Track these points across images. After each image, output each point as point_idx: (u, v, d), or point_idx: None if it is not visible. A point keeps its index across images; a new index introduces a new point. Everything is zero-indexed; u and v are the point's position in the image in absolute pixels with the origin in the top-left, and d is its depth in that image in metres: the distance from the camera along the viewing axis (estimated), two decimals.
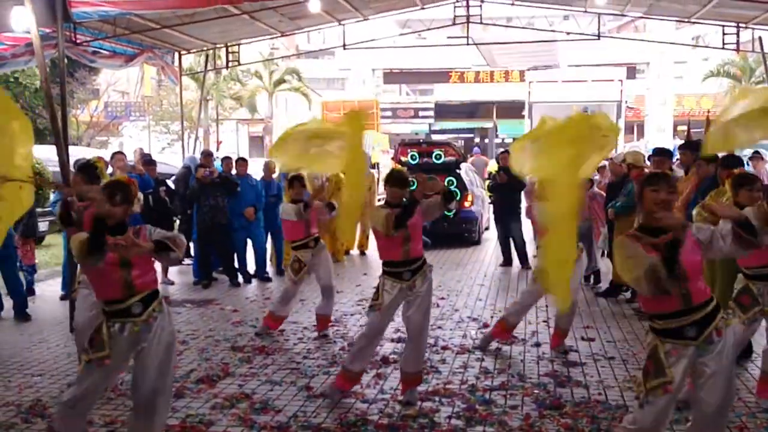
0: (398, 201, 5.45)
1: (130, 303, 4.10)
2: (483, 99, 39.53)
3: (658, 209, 3.72)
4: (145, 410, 4.16)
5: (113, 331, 4.08)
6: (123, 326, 4.09)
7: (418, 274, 5.46)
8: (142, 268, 4.17)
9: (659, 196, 3.72)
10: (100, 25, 12.20)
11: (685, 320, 3.71)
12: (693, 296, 3.71)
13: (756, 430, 4.93)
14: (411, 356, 5.57)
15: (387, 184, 5.56)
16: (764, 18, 14.10)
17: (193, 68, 22.58)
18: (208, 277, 10.44)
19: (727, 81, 37.38)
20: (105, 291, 4.17)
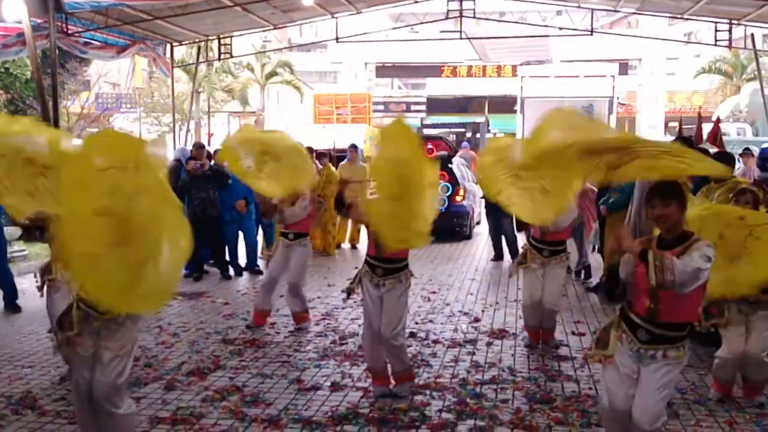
0: None
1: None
2: (475, 93, 39.50)
3: (657, 225, 3.74)
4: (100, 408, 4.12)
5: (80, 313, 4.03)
6: (86, 315, 4.02)
7: (392, 276, 5.36)
8: None
9: (654, 212, 3.69)
10: (91, 16, 12.16)
11: (644, 325, 3.71)
12: (660, 314, 3.67)
13: (745, 424, 4.96)
14: (390, 358, 5.53)
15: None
16: (756, 15, 14.17)
17: (185, 60, 22.54)
18: (199, 270, 10.41)
19: (718, 78, 37.52)
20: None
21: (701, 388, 5.59)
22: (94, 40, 12.98)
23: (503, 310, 8.34)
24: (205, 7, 13.09)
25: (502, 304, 8.64)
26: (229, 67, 36.00)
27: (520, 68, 25.79)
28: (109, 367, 4.04)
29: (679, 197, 3.66)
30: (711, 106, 35.38)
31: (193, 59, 18.43)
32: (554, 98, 21.15)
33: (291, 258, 7.52)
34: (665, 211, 3.63)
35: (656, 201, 3.64)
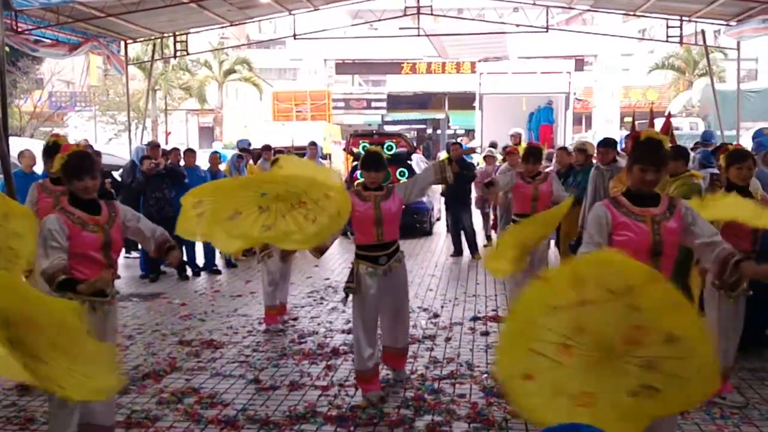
0: (376, 185, 5.37)
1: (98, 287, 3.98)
2: (435, 90, 39.62)
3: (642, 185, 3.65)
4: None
5: (85, 308, 3.87)
6: (93, 306, 3.97)
7: (393, 258, 5.42)
8: (118, 249, 4.22)
9: (646, 176, 3.61)
10: (42, 13, 11.93)
11: None
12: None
13: (696, 413, 5.01)
14: (397, 333, 5.66)
15: (362, 167, 5.42)
16: (706, 12, 14.42)
17: (140, 57, 22.24)
18: (155, 271, 10.27)
19: (671, 73, 38.15)
20: (87, 273, 3.98)
21: None
22: (45, 37, 12.72)
23: (462, 306, 8.37)
24: (159, 4, 12.91)
25: (461, 300, 8.67)
26: (187, 64, 35.63)
27: (478, 65, 25.91)
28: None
29: (667, 162, 3.73)
30: (665, 101, 35.97)
31: (149, 56, 18.18)
32: (512, 94, 21.35)
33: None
34: (658, 176, 3.64)
35: (652, 167, 3.59)
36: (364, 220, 5.28)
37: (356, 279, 5.32)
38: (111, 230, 4.09)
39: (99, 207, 4.10)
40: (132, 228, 4.27)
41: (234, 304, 8.60)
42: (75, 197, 4.05)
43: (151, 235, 4.34)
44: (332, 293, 9.12)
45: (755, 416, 5.00)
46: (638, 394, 2.89)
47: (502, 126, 18.45)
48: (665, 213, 3.62)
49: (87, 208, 4.03)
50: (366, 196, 5.31)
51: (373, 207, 5.26)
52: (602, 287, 2.94)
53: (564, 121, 20.69)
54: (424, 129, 40.11)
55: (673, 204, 3.68)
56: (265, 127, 22.85)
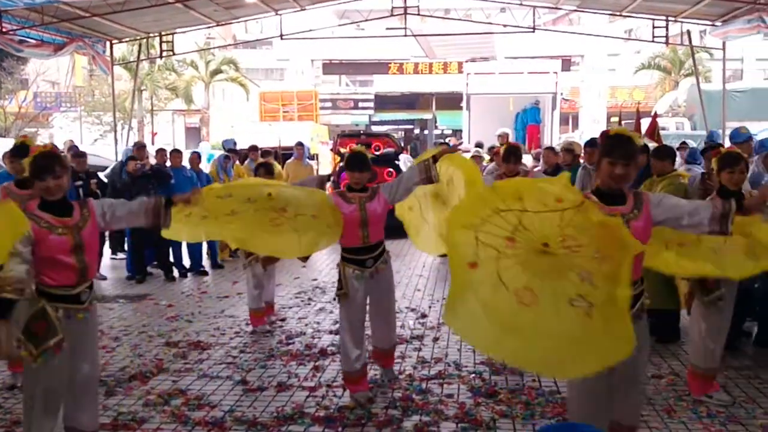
0: (361, 185, 5.29)
1: (79, 290, 3.91)
2: (422, 90, 39.66)
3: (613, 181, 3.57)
4: (92, 400, 4.07)
5: (59, 315, 3.83)
6: (68, 312, 3.87)
7: (380, 260, 5.39)
8: (93, 251, 4.03)
9: (616, 170, 3.53)
10: (26, 14, 11.85)
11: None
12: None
13: (682, 412, 5.07)
14: (385, 333, 5.70)
15: (348, 168, 5.32)
16: (692, 12, 14.50)
17: (126, 57, 22.14)
18: (142, 272, 10.22)
19: (657, 73, 38.39)
20: (56, 277, 3.87)
21: None
22: (30, 38, 12.65)
23: None
24: (144, 4, 12.86)
25: None
26: (173, 64, 35.50)
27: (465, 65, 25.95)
28: (96, 355, 4.07)
29: (637, 156, 3.64)
30: (651, 101, 36.20)
31: (134, 56, 18.09)
32: (499, 94, 21.37)
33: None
34: (627, 170, 3.55)
35: (620, 161, 3.52)
36: (349, 222, 5.20)
37: (344, 282, 5.28)
38: (83, 232, 3.91)
39: (71, 208, 3.94)
40: (113, 218, 4.09)
41: (221, 306, 8.56)
42: (44, 200, 3.91)
43: (138, 210, 4.16)
44: (320, 294, 9.10)
45: (741, 415, 5.02)
46: (576, 304, 3.01)
47: (489, 126, 18.46)
48: (633, 211, 3.56)
49: (57, 211, 3.88)
50: (350, 197, 5.24)
51: (358, 209, 5.19)
52: (539, 201, 3.24)
53: (551, 121, 20.73)
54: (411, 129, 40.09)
55: (639, 200, 3.61)
56: (251, 127, 22.81)
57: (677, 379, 5.67)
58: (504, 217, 3.21)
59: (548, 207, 3.20)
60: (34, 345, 3.76)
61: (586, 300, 3.01)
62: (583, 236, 3.13)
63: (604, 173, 3.57)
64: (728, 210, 3.62)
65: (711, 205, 3.66)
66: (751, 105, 22.70)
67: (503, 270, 3.11)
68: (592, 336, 3.01)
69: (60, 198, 3.91)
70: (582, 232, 3.14)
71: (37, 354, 3.76)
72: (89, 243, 3.95)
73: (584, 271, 3.06)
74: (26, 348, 3.78)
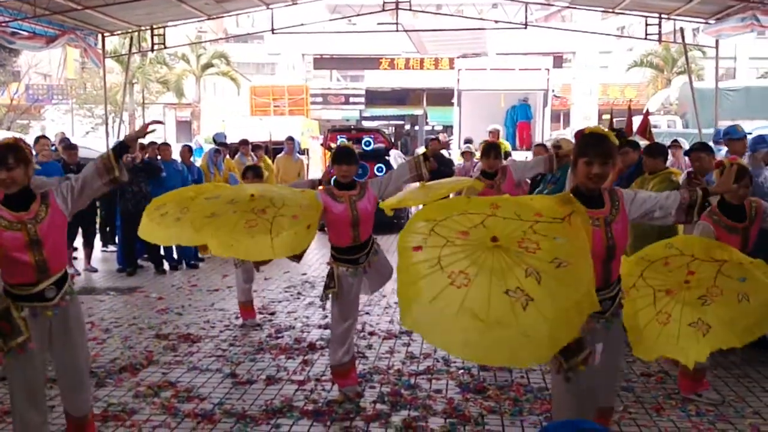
0: (349, 179, 5.22)
1: (43, 287, 3.79)
2: (413, 86, 39.65)
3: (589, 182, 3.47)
4: (77, 389, 4.05)
5: (24, 314, 3.77)
6: (34, 311, 3.80)
7: (371, 254, 5.36)
8: (55, 245, 3.84)
9: (592, 170, 3.43)
10: (19, 5, 11.81)
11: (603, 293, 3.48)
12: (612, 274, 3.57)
13: (671, 410, 5.11)
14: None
15: (335, 162, 5.24)
16: (685, 9, 14.52)
17: (118, 50, 22.04)
18: (132, 265, 10.23)
19: (650, 71, 38.49)
20: (14, 274, 3.79)
21: (628, 375, 5.73)
22: (22, 30, 12.59)
23: None
24: None
25: None
26: (164, 58, 35.39)
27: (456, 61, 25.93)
28: (81, 347, 4.00)
29: (614, 155, 3.53)
30: (643, 98, 36.28)
31: (126, 49, 18.01)
32: (491, 91, 21.38)
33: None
34: (605, 170, 3.44)
35: (597, 159, 3.41)
36: (339, 222, 5.16)
37: (337, 281, 5.21)
38: (39, 226, 3.75)
39: (30, 202, 3.79)
40: (76, 195, 3.92)
41: (211, 299, 8.59)
42: (6, 195, 3.76)
43: (92, 174, 3.94)
44: (309, 288, 9.14)
45: (731, 413, 5.05)
46: (512, 295, 2.90)
47: (480, 122, 18.46)
48: (611, 211, 3.51)
49: (14, 205, 3.74)
50: (340, 196, 5.16)
51: (348, 208, 5.14)
52: (514, 212, 3.20)
53: (542, 118, 20.76)
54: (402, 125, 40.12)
55: (615, 198, 3.56)
56: (242, 121, 22.76)
57: (666, 378, 5.71)
58: (468, 217, 3.20)
59: (521, 218, 3.18)
60: (3, 342, 3.74)
61: (525, 293, 2.90)
62: (546, 245, 3.07)
63: (581, 173, 3.48)
64: (695, 200, 3.63)
65: (679, 195, 3.66)
66: (744, 104, 22.76)
67: (444, 255, 3.05)
68: (523, 326, 2.89)
69: (21, 190, 3.77)
70: (547, 242, 3.09)
71: (6, 350, 3.75)
72: (48, 237, 3.79)
73: (533, 268, 2.98)
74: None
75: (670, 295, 3.99)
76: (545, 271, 2.98)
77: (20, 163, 3.73)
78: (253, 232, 4.63)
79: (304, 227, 4.82)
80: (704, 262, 4.04)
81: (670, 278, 4.03)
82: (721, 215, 5.06)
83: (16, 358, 3.77)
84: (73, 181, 3.95)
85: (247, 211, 4.74)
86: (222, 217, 4.71)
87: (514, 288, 2.91)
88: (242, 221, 4.66)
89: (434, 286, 2.95)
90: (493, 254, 3.01)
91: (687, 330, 3.90)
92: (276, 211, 4.77)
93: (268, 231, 4.65)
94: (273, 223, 4.69)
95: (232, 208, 4.77)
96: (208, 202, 4.86)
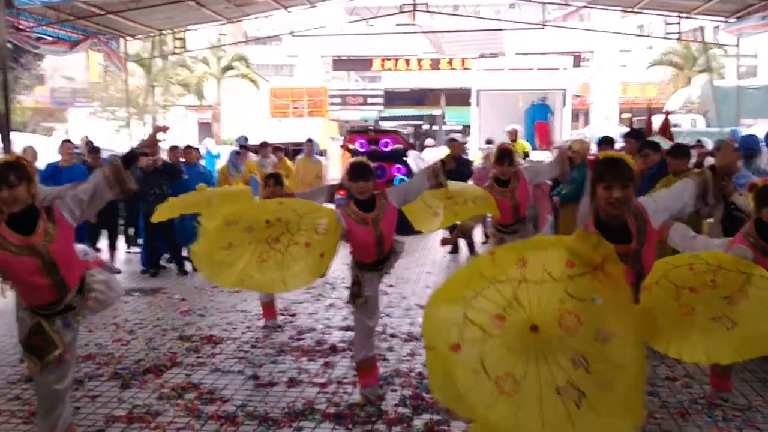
0: (366, 195, 5.11)
1: (67, 301, 3.83)
2: (431, 86, 39.62)
3: (611, 209, 3.35)
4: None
5: (57, 327, 3.83)
6: (66, 321, 3.86)
7: (392, 257, 5.40)
8: (69, 261, 3.81)
9: (612, 194, 3.30)
10: (43, 11, 12.00)
11: None
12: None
13: (697, 415, 5.07)
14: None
15: (351, 178, 5.10)
16: (705, 8, 14.46)
17: (140, 54, 22.25)
18: (155, 266, 10.35)
19: (670, 69, 38.16)
20: (34, 297, 3.79)
21: (653, 379, 5.66)
22: (47, 35, 12.82)
23: None
24: (157, 2, 12.99)
25: None
26: (185, 60, 35.62)
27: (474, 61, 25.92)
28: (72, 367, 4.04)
29: (634, 178, 3.37)
30: (663, 97, 35.99)
31: (148, 53, 18.22)
32: (509, 91, 21.35)
33: None
34: (626, 193, 3.29)
35: (615, 184, 3.28)
36: (364, 244, 5.14)
37: (362, 289, 5.21)
38: (51, 246, 3.66)
39: (36, 221, 3.68)
40: (86, 208, 3.86)
41: (232, 300, 8.67)
42: (11, 215, 3.65)
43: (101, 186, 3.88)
44: (330, 290, 9.18)
45: (758, 419, 4.98)
46: (564, 393, 2.76)
47: (498, 123, 18.45)
48: (639, 238, 3.39)
49: (22, 227, 3.64)
50: (363, 219, 5.07)
51: (372, 231, 5.09)
52: (544, 270, 2.97)
53: (561, 117, 20.69)
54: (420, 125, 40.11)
55: (642, 222, 3.42)
56: (262, 123, 22.89)
57: (692, 382, 5.65)
58: (499, 290, 2.96)
59: (553, 276, 2.95)
60: (37, 357, 3.79)
61: (576, 388, 2.76)
62: (585, 312, 2.89)
63: (602, 200, 3.34)
64: (706, 185, 3.62)
65: (693, 185, 3.65)
66: (766, 101, 22.55)
67: (487, 353, 2.86)
68: (581, 428, 2.76)
69: (24, 210, 3.67)
70: (586, 307, 2.89)
71: (41, 367, 3.79)
72: (61, 255, 3.73)
73: (579, 354, 2.82)
74: (30, 361, 3.83)
75: (694, 292, 3.84)
76: (591, 354, 2.83)
77: (22, 180, 3.62)
78: (264, 268, 4.65)
79: (316, 256, 4.77)
80: (731, 272, 3.95)
81: (695, 279, 3.90)
82: (758, 238, 4.72)
83: (53, 371, 3.84)
84: (80, 193, 3.86)
85: (261, 241, 4.75)
86: (237, 249, 4.74)
87: (564, 384, 2.77)
88: (255, 256, 4.68)
89: (484, 397, 2.81)
90: (536, 346, 2.84)
91: (710, 324, 3.73)
92: (290, 238, 4.77)
93: (278, 266, 4.66)
94: (285, 255, 4.69)
95: (248, 238, 4.79)
96: (228, 230, 4.90)
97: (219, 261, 4.72)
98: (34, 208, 3.72)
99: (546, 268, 2.97)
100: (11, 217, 3.66)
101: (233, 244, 4.77)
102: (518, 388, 2.78)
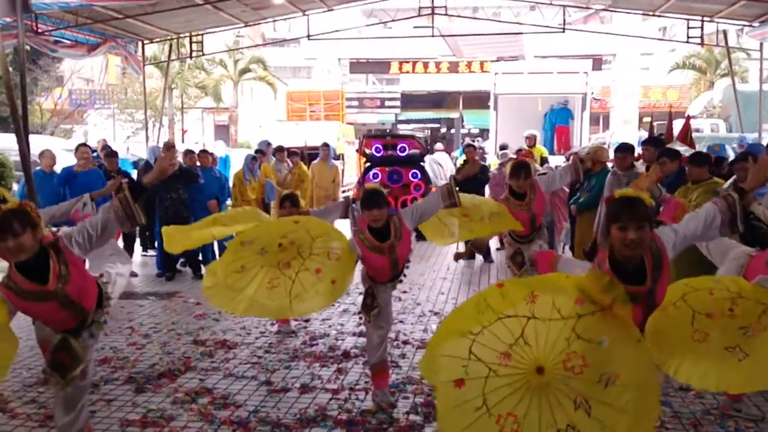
0: (380, 223, 5.00)
1: (89, 322, 3.89)
2: (449, 89, 39.58)
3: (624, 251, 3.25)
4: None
5: (82, 340, 3.88)
6: (91, 332, 3.94)
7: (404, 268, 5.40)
8: (85, 291, 3.79)
9: (627, 236, 3.21)
10: (61, 15, 12.10)
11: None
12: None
13: (710, 425, 5.02)
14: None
15: (364, 206, 4.98)
16: (728, 12, 14.32)
17: (158, 57, 22.41)
18: (171, 270, 10.39)
19: (692, 73, 37.84)
20: (57, 327, 3.83)
21: (666, 389, 5.59)
22: (64, 38, 12.91)
23: None
24: (175, 5, 13.05)
25: None
26: (202, 63, 35.83)
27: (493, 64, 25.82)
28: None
29: (650, 218, 3.29)
30: (685, 101, 35.76)
31: (165, 56, 18.34)
32: (528, 94, 21.26)
33: None
34: (641, 234, 3.21)
35: (631, 225, 3.20)
36: (380, 269, 5.15)
37: (376, 300, 5.19)
38: (67, 287, 3.61)
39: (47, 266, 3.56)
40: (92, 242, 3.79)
41: None
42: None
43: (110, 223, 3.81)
44: (344, 295, 9.15)
45: None
46: None
47: (517, 127, 18.38)
48: (654, 276, 3.30)
49: (33, 273, 3.54)
50: (379, 248, 5.02)
51: (388, 258, 5.07)
52: (553, 306, 2.97)
53: (581, 121, 20.58)
54: (438, 128, 40.06)
55: (657, 258, 3.33)
56: (278, 126, 22.94)
57: (704, 392, 5.54)
58: (506, 325, 2.98)
59: (562, 314, 2.96)
60: (60, 375, 3.82)
61: (576, 430, 2.78)
62: (591, 354, 2.89)
63: (617, 241, 3.25)
64: (734, 209, 3.51)
65: (719, 211, 3.54)
66: None
67: (490, 392, 2.87)
68: None
69: (32, 256, 3.53)
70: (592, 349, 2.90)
71: (65, 383, 3.83)
72: (78, 290, 3.70)
73: (581, 397, 2.83)
74: (53, 378, 3.85)
75: (710, 318, 3.72)
76: (594, 398, 2.84)
77: (27, 228, 3.47)
78: (274, 295, 4.70)
79: (327, 283, 4.78)
80: (749, 301, 3.75)
81: (713, 305, 3.78)
82: None
83: (76, 386, 3.90)
84: (90, 228, 3.77)
85: (272, 265, 4.80)
86: (249, 273, 4.78)
87: (565, 427, 2.79)
88: (266, 281, 4.73)
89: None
90: (540, 388, 2.85)
91: (723, 353, 3.60)
92: (301, 264, 4.81)
93: (287, 293, 4.70)
94: (295, 281, 4.73)
95: (260, 261, 4.83)
96: (242, 250, 4.94)
97: (230, 285, 4.77)
98: (43, 249, 3.60)
99: (555, 304, 2.98)
100: (21, 262, 3.55)
101: (245, 267, 4.83)
102: (519, 429, 2.80)
